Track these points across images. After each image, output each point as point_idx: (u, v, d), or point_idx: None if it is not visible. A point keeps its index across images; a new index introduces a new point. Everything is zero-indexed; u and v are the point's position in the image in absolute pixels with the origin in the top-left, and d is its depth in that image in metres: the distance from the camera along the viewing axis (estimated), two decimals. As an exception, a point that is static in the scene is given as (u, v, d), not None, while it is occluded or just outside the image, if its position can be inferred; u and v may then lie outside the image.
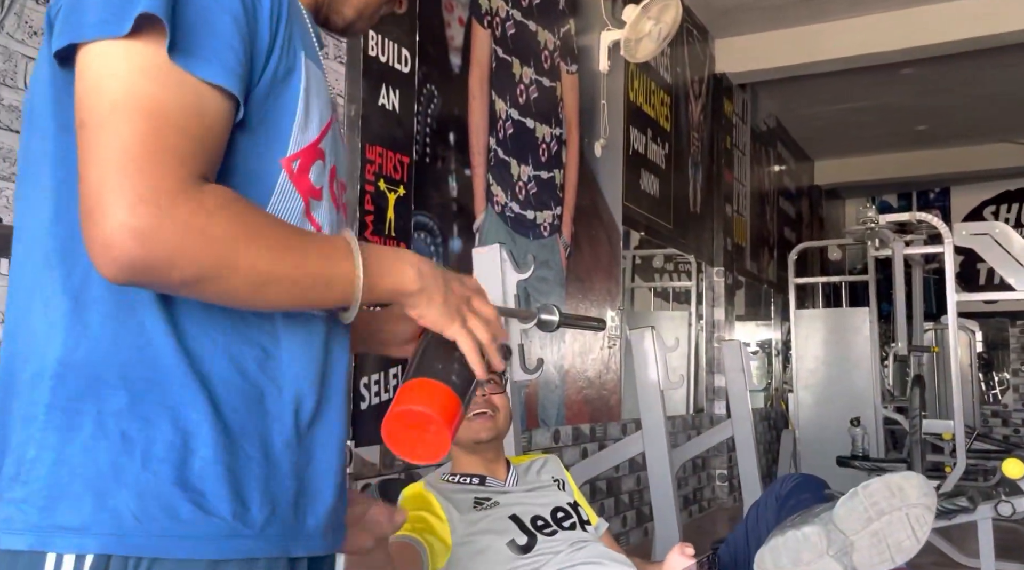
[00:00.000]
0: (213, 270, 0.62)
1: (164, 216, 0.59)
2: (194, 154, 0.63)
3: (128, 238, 0.59)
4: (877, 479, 1.29)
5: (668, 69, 4.86)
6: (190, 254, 0.60)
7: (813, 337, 5.82)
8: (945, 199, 9.48)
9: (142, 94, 0.61)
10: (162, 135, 0.61)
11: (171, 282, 0.61)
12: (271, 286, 0.65)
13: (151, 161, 0.60)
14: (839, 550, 1.25)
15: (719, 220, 5.57)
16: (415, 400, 0.76)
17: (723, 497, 5.41)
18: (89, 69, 0.62)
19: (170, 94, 0.62)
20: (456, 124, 2.85)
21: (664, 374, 2.76)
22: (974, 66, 5.94)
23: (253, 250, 0.63)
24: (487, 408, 1.62)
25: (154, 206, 0.59)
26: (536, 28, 3.41)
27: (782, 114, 7.22)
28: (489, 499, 1.56)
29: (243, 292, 0.64)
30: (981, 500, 3.12)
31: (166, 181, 0.60)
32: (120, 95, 0.61)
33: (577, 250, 3.64)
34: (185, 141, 0.62)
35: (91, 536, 0.63)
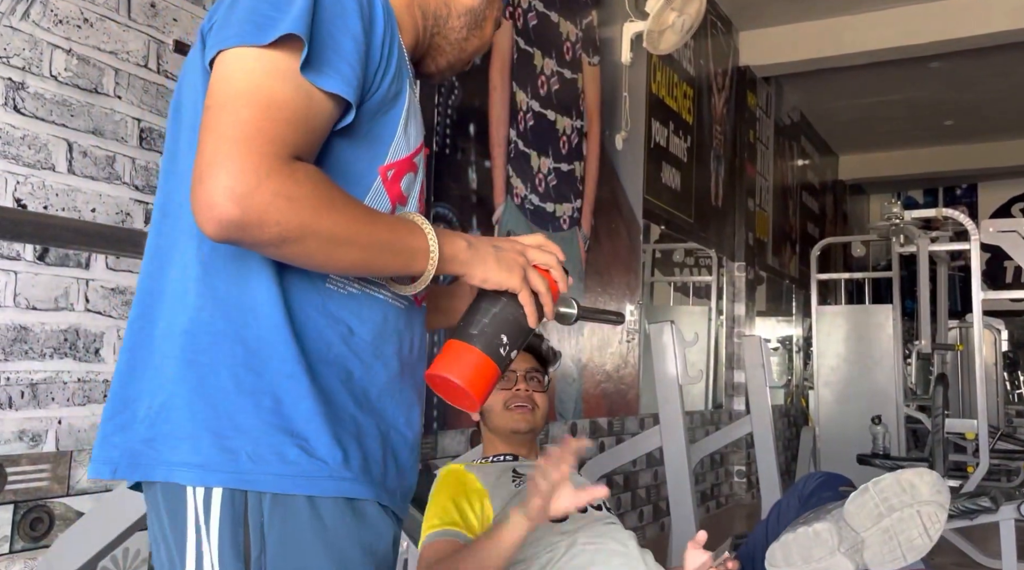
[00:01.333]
0: (295, 232, 0.71)
1: (260, 183, 0.70)
2: (295, 141, 0.74)
3: (227, 200, 0.69)
4: (889, 475, 1.27)
5: (691, 61, 4.82)
6: (275, 217, 0.70)
7: (835, 334, 5.76)
8: (972, 195, 9.34)
9: (262, 88, 0.73)
10: (271, 121, 0.72)
11: (260, 240, 0.71)
12: (343, 248, 0.75)
13: (258, 139, 0.71)
14: (850, 547, 1.23)
15: (741, 214, 5.52)
16: (448, 367, 0.84)
17: (741, 493, 5.38)
18: (223, 66, 0.74)
19: (286, 93, 0.73)
20: (476, 115, 2.84)
21: (683, 369, 2.74)
22: (1004, 60, 5.83)
23: (330, 217, 0.73)
24: (527, 403, 1.67)
25: (253, 175, 0.69)
26: (558, 19, 3.39)
27: (806, 107, 7.14)
28: (526, 473, 1.59)
29: (319, 254, 0.74)
30: (1004, 501, 3.07)
31: (267, 156, 0.71)
32: (244, 86, 0.72)
33: (596, 243, 3.62)
34: (289, 130, 0.73)
35: (212, 472, 0.75)
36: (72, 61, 1.67)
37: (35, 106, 1.60)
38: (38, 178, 1.60)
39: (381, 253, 0.78)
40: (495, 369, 0.84)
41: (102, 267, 1.70)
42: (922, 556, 1.25)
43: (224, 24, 0.77)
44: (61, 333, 1.63)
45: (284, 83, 0.73)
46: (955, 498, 3.15)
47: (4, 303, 1.54)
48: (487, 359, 0.84)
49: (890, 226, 4.86)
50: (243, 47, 0.74)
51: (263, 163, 0.70)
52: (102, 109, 1.71)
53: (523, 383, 1.68)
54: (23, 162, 1.58)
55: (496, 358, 0.84)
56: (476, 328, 0.85)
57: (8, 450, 1.54)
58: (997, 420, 5.72)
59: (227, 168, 0.69)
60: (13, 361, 1.55)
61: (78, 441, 1.64)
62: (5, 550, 1.53)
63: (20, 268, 1.57)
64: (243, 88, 0.72)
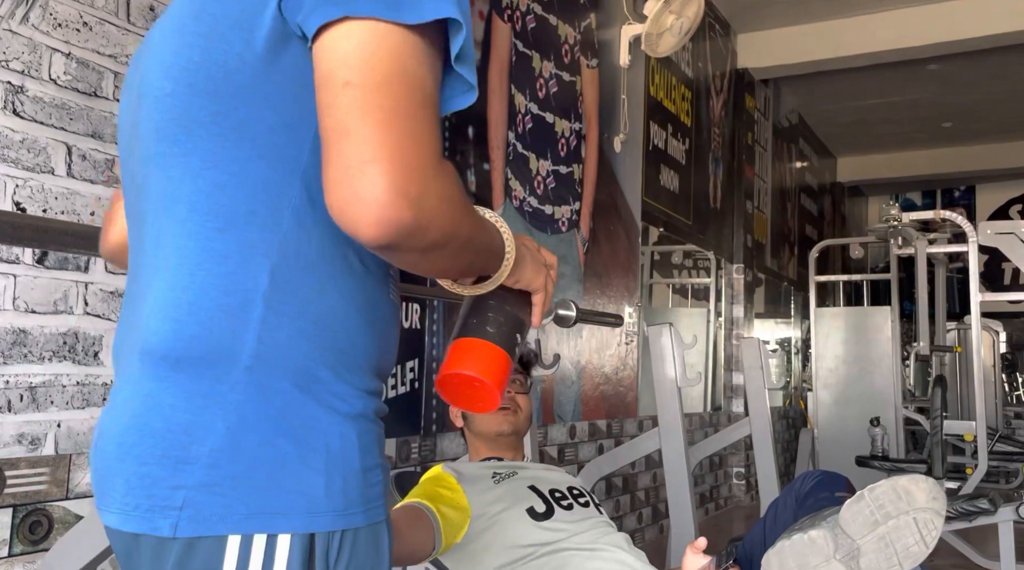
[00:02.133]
0: (450, 236, 0.67)
1: (430, 184, 0.64)
2: (440, 135, 0.68)
3: (402, 200, 0.62)
4: (884, 482, 1.27)
5: (689, 64, 4.83)
6: (440, 220, 0.65)
7: (833, 336, 5.76)
8: (970, 197, 9.35)
9: (417, 75, 0.65)
10: (429, 114, 0.66)
11: (422, 245, 0.65)
12: (464, 253, 0.72)
13: (425, 134, 0.64)
14: (846, 554, 1.23)
15: (739, 217, 5.53)
16: (465, 363, 0.82)
17: (740, 495, 5.38)
18: (360, 37, 0.64)
19: (434, 85, 0.67)
20: (475, 118, 2.84)
21: (681, 371, 2.74)
22: (1002, 62, 5.85)
23: (466, 221, 0.69)
24: (510, 405, 1.67)
25: (423, 174, 0.63)
26: (556, 22, 3.39)
27: (804, 110, 7.15)
28: (507, 472, 1.60)
29: (446, 259, 0.71)
30: (1002, 502, 3.08)
31: (432, 154, 0.65)
32: (397, 68, 0.64)
33: (595, 245, 3.63)
34: (437, 123, 0.67)
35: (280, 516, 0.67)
36: (71, 64, 1.67)
37: (34, 109, 1.60)
38: (37, 182, 1.60)
39: (482, 256, 0.76)
40: (512, 367, 0.85)
41: (101, 270, 1.70)
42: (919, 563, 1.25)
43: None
44: (60, 336, 1.63)
45: (434, 74, 0.67)
46: (954, 500, 3.16)
47: (3, 306, 1.54)
48: (508, 357, 0.84)
49: (888, 228, 4.86)
50: (381, 21, 0.64)
51: (432, 161, 0.64)
52: (101, 112, 1.71)
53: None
54: (22, 166, 1.58)
55: (513, 356, 0.85)
56: (494, 326, 0.83)
57: (7, 453, 1.54)
58: (995, 422, 5.72)
59: (399, 164, 0.62)
60: (12, 364, 1.55)
61: (77, 444, 1.64)
62: (4, 554, 1.53)
63: (19, 271, 1.57)
64: (394, 70, 0.64)
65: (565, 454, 3.34)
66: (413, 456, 2.47)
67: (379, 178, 0.61)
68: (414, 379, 2.48)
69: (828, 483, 1.70)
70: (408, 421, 2.45)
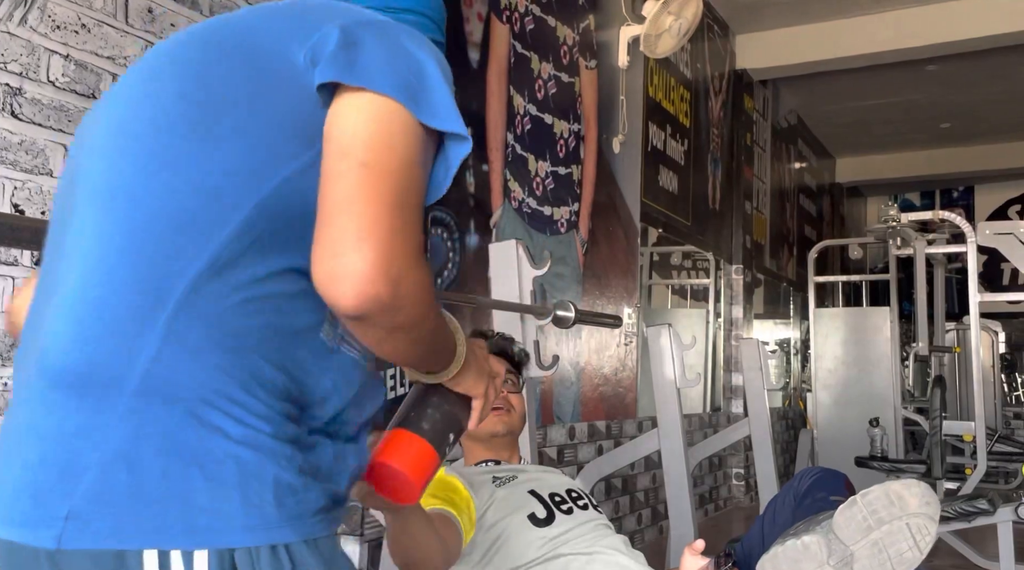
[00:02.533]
0: (417, 321, 0.71)
1: (411, 270, 0.68)
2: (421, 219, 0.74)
3: (383, 277, 0.66)
4: (877, 487, 1.26)
5: (688, 65, 4.83)
6: (413, 305, 0.69)
7: (832, 336, 5.77)
8: (969, 198, 9.36)
9: (421, 172, 0.72)
10: (420, 208, 0.72)
11: (391, 324, 0.70)
12: (424, 343, 0.76)
13: (415, 224, 0.70)
14: (840, 560, 1.23)
15: (738, 217, 5.53)
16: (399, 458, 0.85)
17: (739, 496, 5.38)
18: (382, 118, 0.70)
19: (426, 183, 0.74)
20: (474, 119, 2.84)
21: (681, 372, 2.74)
22: (1000, 63, 5.85)
23: (435, 313, 0.75)
24: (503, 404, 1.66)
25: (407, 260, 0.68)
26: (555, 23, 3.39)
27: (803, 111, 7.15)
28: (507, 476, 1.59)
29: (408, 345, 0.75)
30: (1001, 502, 3.08)
31: (418, 245, 0.70)
32: (409, 159, 0.70)
33: (594, 246, 3.63)
34: (422, 218, 0.73)
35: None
36: (69, 66, 1.67)
37: (32, 111, 1.60)
38: (35, 183, 1.60)
39: (437, 351, 0.81)
40: (438, 465, 0.87)
41: (100, 272, 1.70)
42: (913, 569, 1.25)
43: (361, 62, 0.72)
44: (59, 338, 1.62)
45: (426, 171, 0.73)
46: (953, 500, 3.16)
47: (2, 308, 1.54)
48: (435, 455, 0.86)
49: (887, 229, 4.87)
50: (397, 103, 0.71)
51: (416, 251, 0.69)
52: (100, 114, 1.71)
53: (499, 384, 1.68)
54: (20, 167, 1.58)
55: (441, 454, 0.87)
56: (428, 423, 0.86)
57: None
58: (995, 422, 5.72)
59: (389, 246, 0.66)
60: (11, 367, 1.55)
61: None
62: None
63: (17, 273, 1.57)
64: (407, 159, 0.70)
65: (564, 455, 3.34)
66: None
67: (369, 254, 0.66)
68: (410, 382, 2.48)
69: (826, 481, 1.70)
70: (407, 422, 2.45)
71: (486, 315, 2.63)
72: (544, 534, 1.49)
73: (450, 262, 2.68)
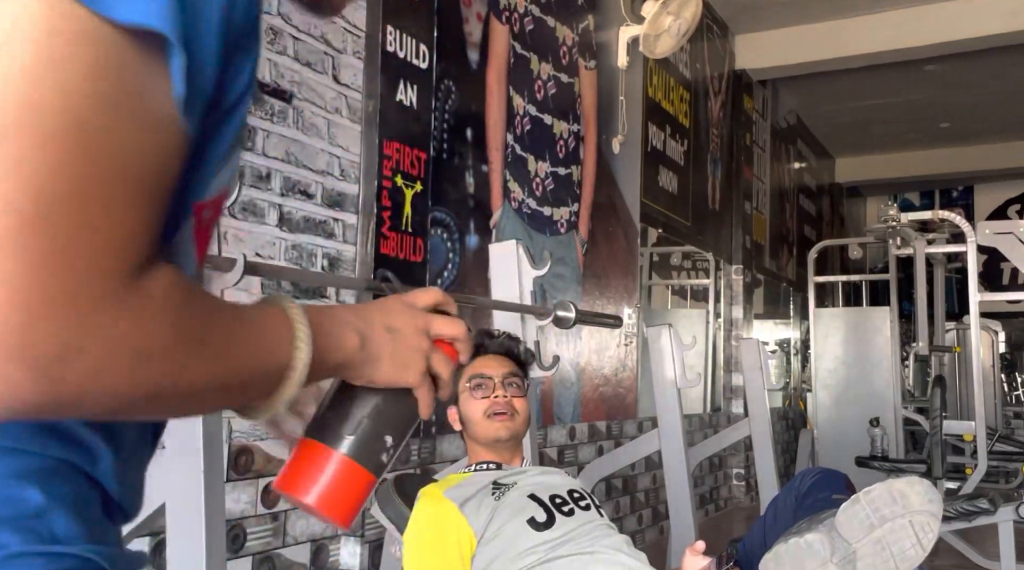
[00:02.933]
0: (142, 397, 0.43)
1: (83, 333, 0.38)
2: (146, 218, 0.41)
3: (20, 371, 0.37)
4: (880, 485, 1.26)
5: (687, 65, 4.83)
6: (112, 384, 0.40)
7: (832, 336, 5.77)
8: (968, 197, 9.36)
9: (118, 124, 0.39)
10: (101, 180, 0.39)
11: (80, 415, 0.42)
12: (208, 396, 0.48)
13: (96, 231, 0.38)
14: (843, 558, 1.23)
15: (738, 217, 5.53)
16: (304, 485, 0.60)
17: (740, 496, 5.38)
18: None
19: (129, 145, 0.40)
20: (473, 120, 2.85)
21: (681, 372, 2.74)
22: (1000, 62, 5.85)
23: (195, 362, 0.45)
24: (507, 410, 1.64)
25: (69, 318, 0.38)
26: (554, 24, 3.40)
27: (803, 111, 7.16)
28: (507, 483, 1.59)
29: (174, 410, 0.49)
30: (1002, 502, 3.08)
31: (93, 275, 0.38)
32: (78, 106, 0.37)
33: (594, 247, 3.63)
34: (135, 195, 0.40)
35: None
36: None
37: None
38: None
39: (253, 385, 0.51)
40: (371, 482, 0.61)
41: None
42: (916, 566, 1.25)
43: None
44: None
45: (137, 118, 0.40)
46: (953, 500, 3.16)
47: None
48: (363, 472, 0.61)
49: (887, 228, 4.87)
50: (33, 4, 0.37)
51: (84, 290, 0.38)
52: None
53: (501, 389, 1.65)
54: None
55: (375, 467, 0.61)
56: (350, 427, 0.60)
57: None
58: (995, 422, 5.72)
59: (11, 311, 0.36)
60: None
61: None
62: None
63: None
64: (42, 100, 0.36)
65: (565, 456, 3.34)
66: (413, 459, 2.46)
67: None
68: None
69: (827, 481, 1.70)
70: (407, 423, 2.45)
71: (486, 316, 2.63)
72: (544, 537, 1.49)
73: (450, 263, 2.68)
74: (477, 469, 1.66)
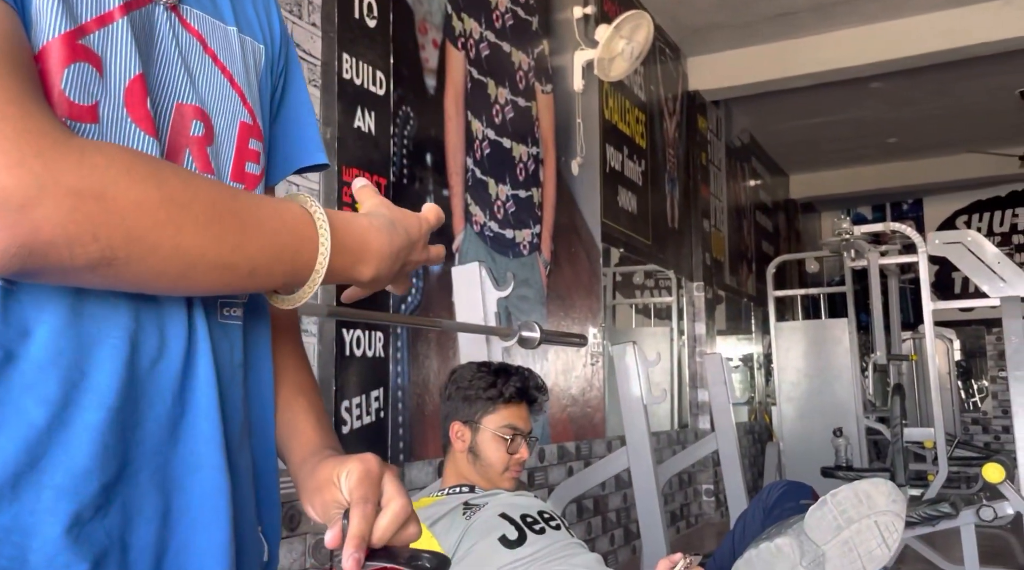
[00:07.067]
0: (123, 248, 0.46)
1: (41, 178, 0.43)
2: (27, 88, 0.45)
3: (2, 215, 0.42)
4: (846, 487, 1.30)
5: (642, 87, 4.92)
6: (90, 227, 0.44)
7: (794, 349, 5.86)
8: (918, 210, 9.63)
9: None
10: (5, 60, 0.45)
11: (74, 265, 0.45)
12: (203, 268, 0.50)
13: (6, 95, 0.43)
14: (812, 561, 1.25)
15: (697, 235, 5.61)
16: None
17: (710, 512, 5.40)
18: None
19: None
20: (433, 145, 2.86)
21: (647, 389, 2.76)
22: (941, 79, 6.06)
23: (177, 223, 0.48)
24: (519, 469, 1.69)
25: (22, 168, 0.43)
26: (510, 49, 3.44)
27: (756, 129, 7.32)
28: (478, 503, 1.59)
29: (166, 277, 0.49)
30: (963, 505, 3.14)
31: (19, 133, 0.43)
32: None
33: (557, 268, 3.65)
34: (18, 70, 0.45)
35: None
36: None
37: None
38: None
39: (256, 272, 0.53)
40: None
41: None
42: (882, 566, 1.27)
43: None
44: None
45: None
46: (916, 506, 3.21)
47: None
48: None
49: (841, 241, 4.99)
50: None
51: (26, 143, 0.43)
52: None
53: (525, 448, 1.68)
54: None
55: None
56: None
57: None
58: (954, 428, 5.85)
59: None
60: None
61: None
62: None
63: None
64: None
65: (535, 478, 3.33)
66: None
67: None
68: (379, 408, 2.46)
69: (793, 492, 1.73)
70: (374, 451, 2.42)
71: (452, 338, 2.62)
72: (516, 554, 1.49)
73: (413, 287, 2.68)
74: (450, 492, 1.66)
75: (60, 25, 0.50)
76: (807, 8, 5.04)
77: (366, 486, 0.63)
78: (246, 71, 0.65)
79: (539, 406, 1.75)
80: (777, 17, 5.14)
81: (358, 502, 0.61)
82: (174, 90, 0.59)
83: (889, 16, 5.14)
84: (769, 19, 5.16)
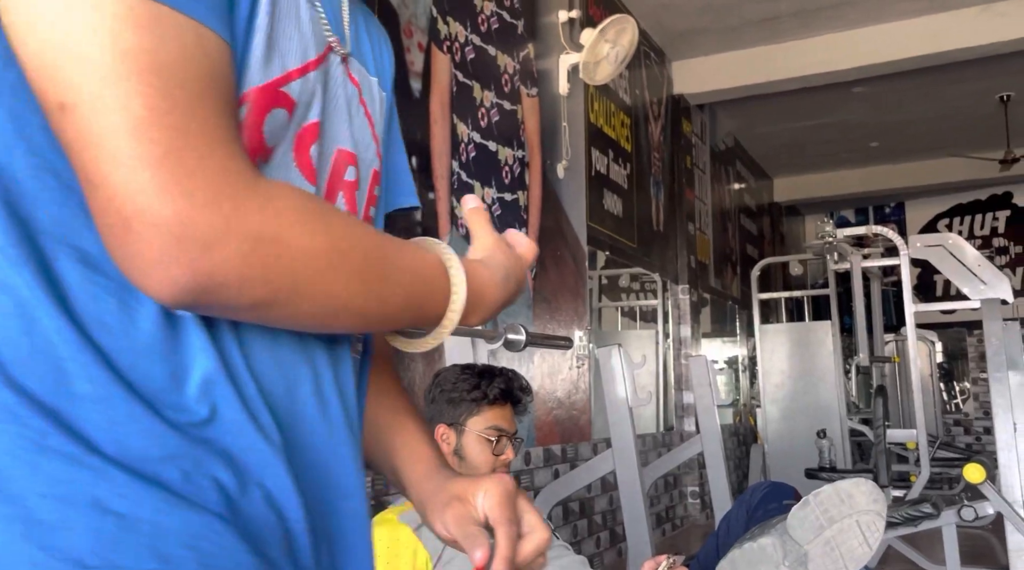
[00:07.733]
0: (286, 292, 0.48)
1: (229, 220, 0.45)
2: (231, 128, 0.47)
3: (188, 252, 0.44)
4: (828, 487, 1.31)
5: (627, 91, 4.94)
6: (262, 271, 0.46)
7: (778, 351, 5.90)
8: (900, 213, 9.72)
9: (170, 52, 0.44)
10: (211, 106, 0.46)
11: (239, 304, 0.47)
12: (344, 315, 0.52)
13: (208, 140, 0.45)
14: (795, 560, 1.26)
15: (682, 238, 5.64)
16: None
17: (695, 514, 5.42)
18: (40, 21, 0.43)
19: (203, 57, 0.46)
20: (418, 148, 2.86)
21: (632, 391, 2.77)
22: (923, 83, 6.13)
23: (336, 271, 0.50)
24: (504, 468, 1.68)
25: (214, 207, 0.44)
26: (496, 52, 3.45)
27: (740, 133, 7.37)
28: None
29: (312, 319, 0.51)
30: (945, 506, 3.17)
31: (218, 173, 0.45)
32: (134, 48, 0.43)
33: (543, 271, 3.66)
34: (227, 115, 0.47)
35: None
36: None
37: None
38: None
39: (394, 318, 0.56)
40: None
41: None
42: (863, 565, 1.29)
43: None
44: None
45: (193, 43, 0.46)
46: (899, 506, 3.24)
47: None
48: None
49: (824, 244, 5.03)
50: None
51: (217, 185, 0.45)
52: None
53: (511, 449, 1.68)
54: None
55: None
56: None
57: None
58: (936, 429, 5.90)
59: (167, 206, 0.43)
60: None
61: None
62: None
63: None
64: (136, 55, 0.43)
65: (521, 481, 3.33)
66: (367, 490, 2.43)
67: (150, 229, 0.43)
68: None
69: (776, 493, 1.74)
70: (360, 454, 2.42)
71: (437, 342, 2.61)
72: None
73: (399, 291, 2.68)
74: None
75: (271, 71, 0.54)
76: (790, 13, 5.08)
77: (509, 508, 0.66)
78: (381, 120, 0.71)
79: (523, 407, 1.75)
80: (761, 22, 5.18)
81: (505, 523, 0.64)
82: (338, 136, 0.62)
83: (871, 21, 5.19)
84: (753, 24, 5.20)
